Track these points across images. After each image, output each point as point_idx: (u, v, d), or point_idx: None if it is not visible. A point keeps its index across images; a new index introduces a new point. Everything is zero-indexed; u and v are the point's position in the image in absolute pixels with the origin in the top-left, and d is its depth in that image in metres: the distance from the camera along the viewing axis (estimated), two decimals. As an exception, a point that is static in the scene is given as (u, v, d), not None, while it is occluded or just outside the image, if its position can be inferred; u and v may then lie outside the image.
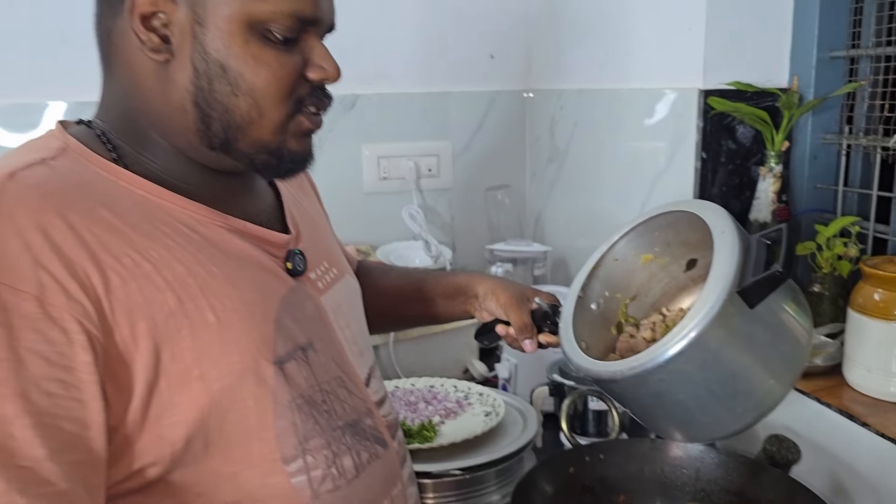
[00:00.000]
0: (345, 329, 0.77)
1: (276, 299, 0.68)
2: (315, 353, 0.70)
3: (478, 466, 1.10)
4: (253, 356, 0.63)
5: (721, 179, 1.27)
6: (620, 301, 0.85)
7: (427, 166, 1.78)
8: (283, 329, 0.67)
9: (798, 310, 0.72)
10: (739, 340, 0.67)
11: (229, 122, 0.65)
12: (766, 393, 0.69)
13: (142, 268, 0.59)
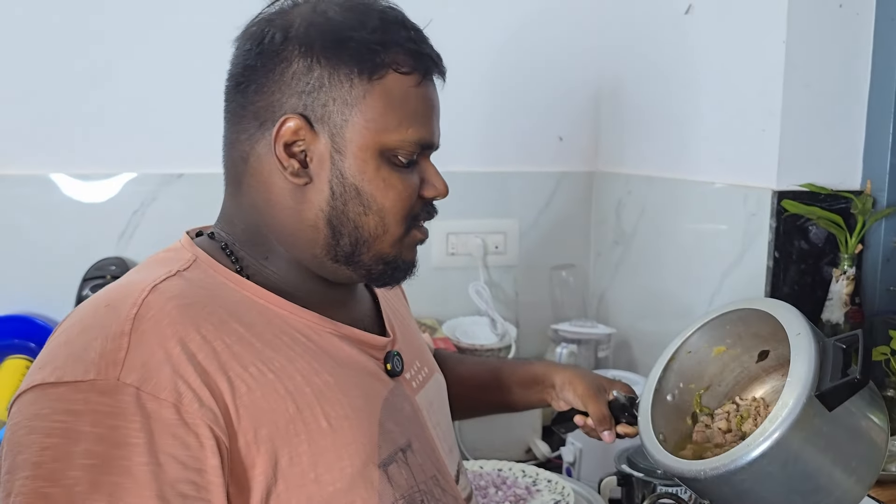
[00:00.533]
0: (436, 427, 0.81)
1: (379, 402, 0.72)
2: (413, 453, 0.74)
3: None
4: (362, 460, 0.67)
5: (793, 279, 1.29)
6: (694, 392, 0.89)
7: (494, 243, 1.83)
8: (386, 432, 0.71)
9: (876, 411, 0.74)
10: (819, 441, 0.70)
11: (358, 238, 0.71)
12: (846, 492, 0.72)
13: (266, 377, 0.64)
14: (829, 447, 0.70)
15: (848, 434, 0.72)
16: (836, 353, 0.71)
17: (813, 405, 0.68)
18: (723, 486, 0.72)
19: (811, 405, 0.68)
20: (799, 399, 0.68)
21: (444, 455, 0.80)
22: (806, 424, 0.68)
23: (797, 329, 0.73)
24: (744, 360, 0.89)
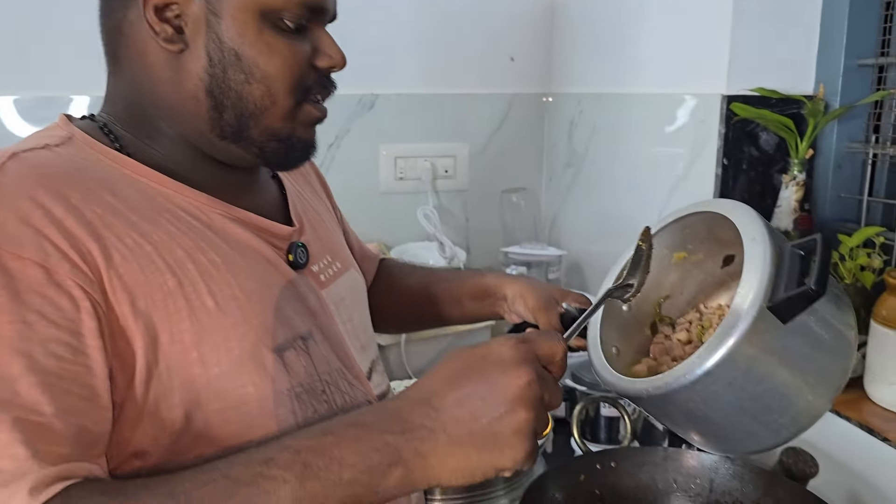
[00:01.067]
0: (346, 323, 0.77)
1: (275, 288, 0.68)
2: (315, 343, 0.69)
3: (487, 470, 1.08)
4: (252, 343, 0.63)
5: (742, 186, 1.25)
6: (653, 301, 0.82)
7: (443, 167, 1.77)
8: (283, 318, 0.66)
9: (841, 319, 0.67)
10: (772, 357, 0.62)
11: (242, 111, 0.65)
12: (805, 409, 0.65)
13: (143, 248, 0.59)
14: (782, 363, 0.63)
15: (806, 347, 0.64)
16: (793, 260, 0.63)
17: (764, 319, 0.60)
18: (667, 406, 0.66)
19: (762, 319, 0.60)
20: (747, 312, 0.60)
21: (355, 352, 0.76)
22: (755, 340, 0.60)
23: (752, 233, 0.66)
24: (707, 266, 0.81)
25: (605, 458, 0.92)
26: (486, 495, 1.09)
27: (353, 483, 0.52)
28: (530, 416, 0.53)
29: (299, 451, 0.53)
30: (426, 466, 0.53)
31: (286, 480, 0.51)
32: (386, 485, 0.53)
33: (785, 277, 0.62)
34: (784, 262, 0.64)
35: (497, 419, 0.53)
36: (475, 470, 0.53)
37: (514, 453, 0.53)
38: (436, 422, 0.53)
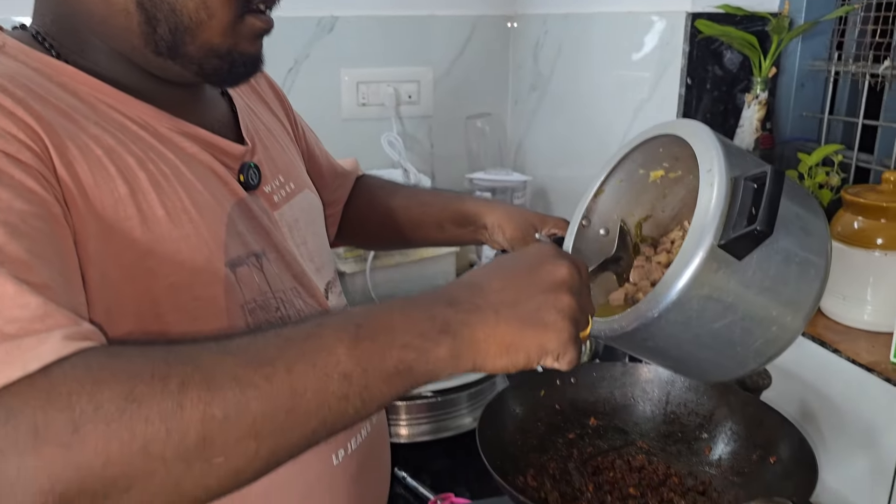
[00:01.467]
0: (301, 245, 0.76)
1: (227, 205, 0.66)
2: (269, 262, 0.68)
3: (449, 389, 1.10)
4: (204, 256, 0.62)
5: (706, 106, 1.24)
6: (633, 222, 0.80)
7: (407, 93, 1.73)
8: (236, 234, 0.65)
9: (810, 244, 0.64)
10: (728, 295, 0.60)
11: (177, 24, 0.61)
12: (771, 339, 0.64)
13: (93, 152, 0.57)
14: (740, 300, 0.61)
15: (767, 281, 0.61)
16: (746, 194, 0.59)
17: (715, 258, 0.58)
18: (626, 344, 0.66)
19: (713, 259, 0.58)
20: (696, 253, 0.58)
21: (311, 273, 0.75)
22: (707, 280, 0.58)
23: (709, 163, 0.62)
24: (688, 181, 0.78)
25: (565, 375, 0.93)
26: (449, 413, 1.11)
27: (405, 347, 0.49)
28: (573, 302, 0.54)
29: (349, 315, 0.51)
30: (474, 340, 0.51)
31: (340, 339, 0.48)
32: (437, 354, 0.50)
33: (735, 215, 0.59)
34: (738, 196, 0.60)
35: (542, 301, 0.53)
36: (520, 348, 0.52)
37: (559, 335, 0.53)
38: (483, 300, 0.53)
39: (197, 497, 0.44)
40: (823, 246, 0.64)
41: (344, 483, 0.72)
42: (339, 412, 0.47)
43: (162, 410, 0.41)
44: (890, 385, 0.89)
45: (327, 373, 0.46)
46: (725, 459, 0.87)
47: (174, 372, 0.43)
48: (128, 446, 0.40)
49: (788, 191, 0.62)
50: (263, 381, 0.44)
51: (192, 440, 0.42)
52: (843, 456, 0.99)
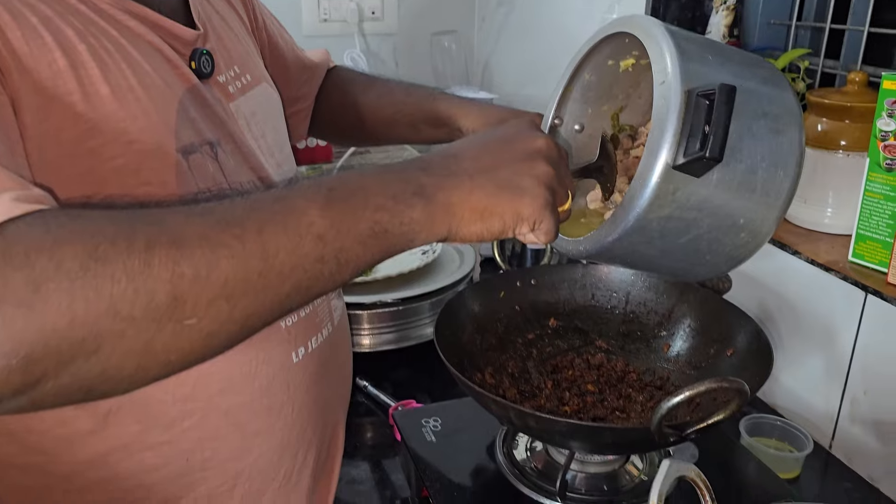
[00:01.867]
0: (259, 139, 0.73)
1: (178, 90, 0.62)
2: (225, 153, 0.65)
3: (412, 298, 1.09)
4: (153, 139, 0.58)
5: (673, 13, 1.21)
6: (608, 113, 0.76)
7: (370, 8, 1.68)
8: (188, 120, 0.62)
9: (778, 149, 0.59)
10: (689, 212, 0.58)
11: None
12: (740, 245, 0.61)
13: (28, 19, 0.52)
14: (702, 215, 0.58)
15: (731, 191, 0.58)
16: (699, 111, 0.55)
17: (672, 180, 0.55)
18: (598, 258, 0.64)
19: (668, 181, 0.55)
20: (650, 177, 0.55)
21: (271, 169, 0.72)
22: (665, 202, 0.56)
23: (662, 74, 0.57)
24: None
25: (525, 276, 0.92)
26: (412, 323, 1.10)
27: (379, 209, 0.48)
28: (549, 170, 0.54)
29: (319, 181, 0.50)
30: (448, 204, 0.50)
31: (312, 201, 0.46)
32: (411, 216, 0.49)
33: (688, 135, 0.55)
34: (689, 112, 0.55)
35: (519, 167, 0.53)
36: (495, 213, 0.51)
37: (534, 200, 0.52)
38: (458, 167, 0.52)
39: (168, 361, 0.42)
40: (794, 145, 0.60)
41: (303, 381, 0.71)
42: (314, 275, 0.46)
43: (129, 269, 0.39)
44: (847, 283, 0.89)
45: (300, 233, 0.45)
46: (683, 355, 0.87)
47: (139, 231, 0.41)
48: (94, 305, 0.38)
49: (756, 89, 0.59)
50: (234, 241, 0.43)
51: (161, 299, 0.40)
52: (799, 356, 1.00)
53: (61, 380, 0.39)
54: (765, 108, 0.59)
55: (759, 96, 0.59)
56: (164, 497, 0.63)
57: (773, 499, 0.76)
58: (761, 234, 0.61)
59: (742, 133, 0.57)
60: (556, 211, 0.55)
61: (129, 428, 0.61)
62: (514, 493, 0.77)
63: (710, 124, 0.54)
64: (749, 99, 0.58)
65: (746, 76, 0.60)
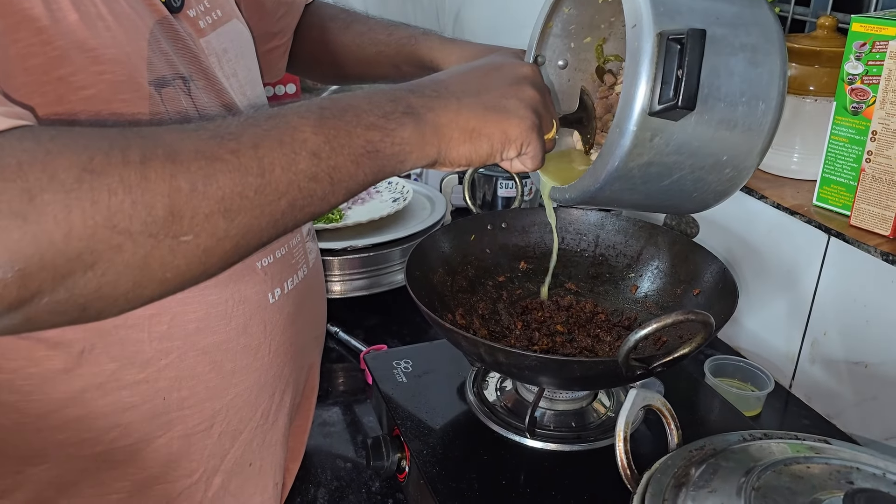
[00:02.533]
0: (230, 78, 0.71)
1: (149, 20, 0.60)
2: (198, 89, 0.63)
3: (383, 244, 1.08)
4: (125, 69, 0.56)
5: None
6: (592, 45, 0.76)
7: (339, -46, 1.64)
8: (160, 52, 0.60)
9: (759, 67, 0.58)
10: (669, 157, 0.57)
11: None
12: (726, 180, 0.61)
13: None
14: (683, 158, 0.58)
15: (710, 130, 0.57)
16: (671, 55, 0.54)
17: (648, 127, 0.55)
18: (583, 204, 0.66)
19: (645, 128, 0.55)
20: (627, 126, 0.55)
21: (243, 107, 0.70)
22: (644, 149, 0.56)
23: (633, 16, 0.56)
24: None
25: (496, 219, 0.93)
26: (383, 269, 1.10)
27: (370, 127, 0.48)
28: (536, 95, 0.56)
29: (311, 101, 0.50)
30: (437, 124, 0.51)
31: (305, 118, 0.46)
32: (401, 135, 0.50)
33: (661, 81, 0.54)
34: (660, 60, 0.55)
35: (506, 90, 0.55)
36: (483, 134, 0.53)
37: (521, 122, 0.54)
38: (446, 89, 0.54)
39: (164, 279, 0.41)
40: (775, 75, 0.59)
41: (280, 322, 0.70)
42: (309, 193, 0.46)
43: (125, 181, 0.38)
44: (811, 227, 0.91)
45: (295, 150, 0.45)
46: (651, 296, 0.88)
47: (134, 145, 0.40)
48: (91, 217, 0.37)
49: (734, 20, 0.58)
50: (230, 155, 0.42)
51: (159, 213, 0.39)
52: (762, 299, 1.02)
53: (57, 295, 0.38)
54: (742, 39, 0.58)
55: (736, 28, 0.58)
56: (141, 436, 0.63)
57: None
58: (746, 167, 0.62)
59: (719, 70, 0.57)
60: (543, 135, 0.56)
61: (104, 366, 0.60)
62: (484, 430, 0.78)
63: (681, 70, 0.53)
64: (726, 33, 0.58)
65: (722, 7, 0.59)
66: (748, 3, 0.60)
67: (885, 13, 0.85)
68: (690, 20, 0.56)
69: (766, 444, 0.61)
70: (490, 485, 0.71)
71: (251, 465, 0.71)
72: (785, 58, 0.60)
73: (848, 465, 0.57)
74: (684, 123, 0.56)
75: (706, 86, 0.55)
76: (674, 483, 0.56)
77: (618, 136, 0.56)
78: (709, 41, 0.55)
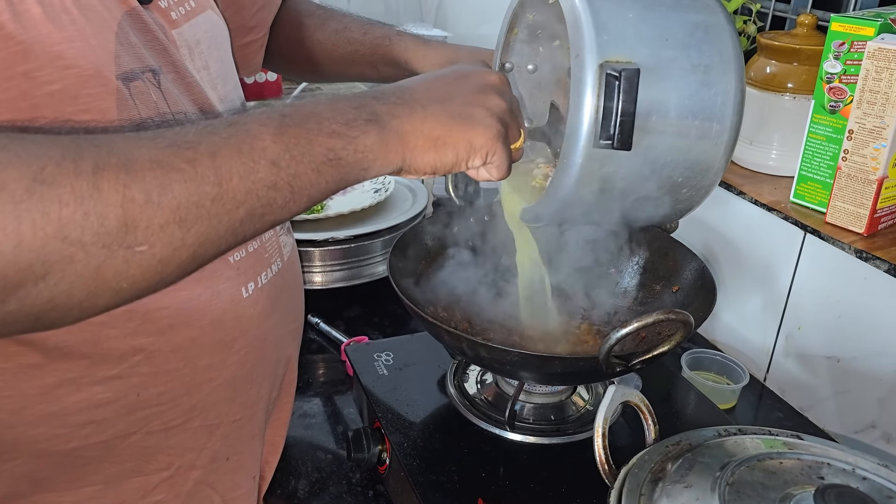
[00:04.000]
0: (202, 70, 0.70)
1: (117, 12, 0.59)
2: (168, 82, 0.63)
3: (364, 235, 1.08)
4: (91, 63, 0.55)
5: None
6: (561, 48, 0.73)
7: (322, -61, 1.62)
8: (128, 45, 0.59)
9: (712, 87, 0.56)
10: (622, 181, 0.57)
11: None
12: (684, 199, 0.61)
13: None
14: (636, 182, 0.58)
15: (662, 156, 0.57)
16: (609, 89, 0.53)
17: (595, 158, 0.55)
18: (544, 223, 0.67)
19: (592, 159, 0.54)
20: (574, 159, 0.55)
21: (214, 101, 0.70)
22: (594, 178, 0.56)
23: (576, 46, 0.54)
24: None
25: (479, 213, 0.93)
26: (364, 261, 1.10)
27: (333, 135, 0.48)
28: (502, 104, 0.55)
29: (272, 107, 0.49)
30: (402, 132, 0.51)
31: (265, 126, 0.46)
32: (364, 143, 0.49)
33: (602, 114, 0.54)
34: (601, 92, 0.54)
35: (471, 99, 0.54)
36: (448, 143, 0.52)
37: (487, 131, 0.53)
38: (411, 96, 0.53)
39: (119, 289, 0.41)
40: (730, 94, 0.57)
41: (254, 316, 0.70)
42: (268, 202, 0.45)
43: (77, 192, 0.38)
44: (788, 223, 0.92)
45: (254, 158, 0.44)
46: (631, 291, 0.89)
47: (87, 154, 0.39)
48: (41, 229, 0.37)
49: (686, 39, 0.56)
50: (186, 165, 0.42)
51: (112, 224, 0.39)
52: (739, 294, 1.04)
53: (8, 306, 0.38)
54: (695, 60, 0.56)
55: (688, 48, 0.56)
56: (115, 432, 0.63)
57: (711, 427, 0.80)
58: (704, 186, 0.61)
59: (668, 94, 0.55)
60: (509, 145, 0.55)
61: (76, 362, 0.60)
62: (464, 423, 0.79)
63: (617, 110, 0.53)
64: (676, 55, 0.56)
65: (674, 27, 0.57)
66: (703, 19, 0.58)
67: (864, 13, 0.86)
68: (637, 46, 0.55)
69: (740, 440, 0.62)
70: (470, 477, 0.72)
71: (228, 459, 0.71)
72: (742, 75, 0.58)
73: (819, 461, 0.58)
74: (634, 151, 0.55)
75: (654, 112, 0.55)
76: (650, 478, 0.58)
77: (566, 166, 0.56)
78: (658, 65, 0.55)
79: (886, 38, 0.80)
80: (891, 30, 0.81)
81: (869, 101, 0.81)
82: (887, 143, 0.81)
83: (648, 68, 0.54)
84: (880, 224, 0.86)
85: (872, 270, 0.83)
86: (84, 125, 0.55)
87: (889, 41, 0.79)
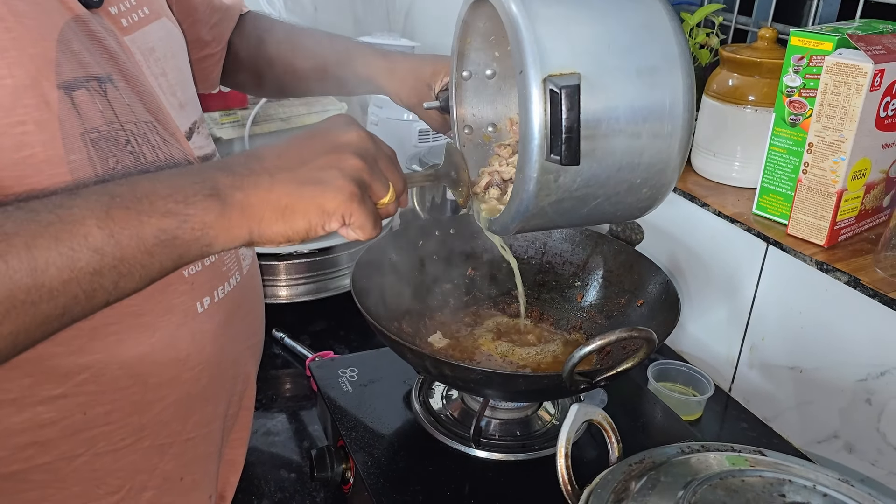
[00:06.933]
0: (159, 77, 0.69)
1: (58, 19, 0.58)
2: (116, 90, 0.61)
3: (329, 248, 1.07)
4: (29, 74, 0.54)
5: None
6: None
7: (287, -53, 1.60)
8: (71, 53, 0.57)
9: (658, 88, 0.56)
10: (579, 190, 0.57)
11: None
12: (645, 198, 0.61)
13: None
14: (594, 189, 0.57)
15: (617, 161, 0.56)
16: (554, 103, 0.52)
17: (549, 171, 0.54)
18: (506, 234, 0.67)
19: (546, 172, 0.54)
20: (529, 171, 0.54)
21: (172, 110, 0.68)
22: (550, 190, 0.56)
23: (519, 61, 0.53)
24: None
25: (444, 226, 0.92)
26: (329, 274, 1.09)
27: (166, 214, 0.47)
28: (358, 163, 0.52)
29: (109, 185, 0.48)
30: (247, 205, 0.49)
31: (92, 210, 0.45)
32: (204, 220, 0.48)
33: (551, 129, 0.53)
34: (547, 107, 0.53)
35: (323, 162, 0.52)
36: (298, 210, 0.50)
37: (338, 193, 0.51)
38: (259, 166, 0.51)
39: None
40: (678, 93, 0.56)
41: (210, 331, 0.69)
42: (93, 288, 0.46)
43: None
44: (751, 235, 0.93)
45: (73, 247, 0.44)
46: (596, 304, 0.89)
47: None
48: None
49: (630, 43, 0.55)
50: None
51: None
52: (704, 305, 1.05)
53: None
54: (639, 63, 0.55)
55: (631, 52, 0.55)
56: (61, 454, 0.61)
57: (676, 440, 0.80)
58: (664, 184, 0.61)
59: (615, 100, 0.55)
60: (368, 204, 0.53)
61: (18, 381, 0.58)
62: (430, 440, 0.78)
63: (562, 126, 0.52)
64: (619, 62, 0.55)
65: (615, 31, 0.56)
66: (645, 21, 0.57)
67: (823, 28, 0.87)
68: (579, 56, 0.54)
69: (703, 457, 0.62)
70: (435, 496, 0.71)
71: (182, 479, 0.69)
72: (689, 70, 0.57)
73: (781, 478, 0.58)
74: (589, 158, 0.55)
75: (604, 120, 0.54)
76: (613, 498, 0.57)
77: (522, 180, 0.56)
78: (603, 73, 0.54)
79: (844, 52, 0.81)
80: (849, 45, 0.83)
81: (828, 115, 0.82)
82: (846, 156, 0.82)
83: (593, 78, 0.53)
84: (840, 236, 0.87)
85: (833, 282, 0.83)
86: (22, 136, 0.54)
87: (847, 56, 0.80)
